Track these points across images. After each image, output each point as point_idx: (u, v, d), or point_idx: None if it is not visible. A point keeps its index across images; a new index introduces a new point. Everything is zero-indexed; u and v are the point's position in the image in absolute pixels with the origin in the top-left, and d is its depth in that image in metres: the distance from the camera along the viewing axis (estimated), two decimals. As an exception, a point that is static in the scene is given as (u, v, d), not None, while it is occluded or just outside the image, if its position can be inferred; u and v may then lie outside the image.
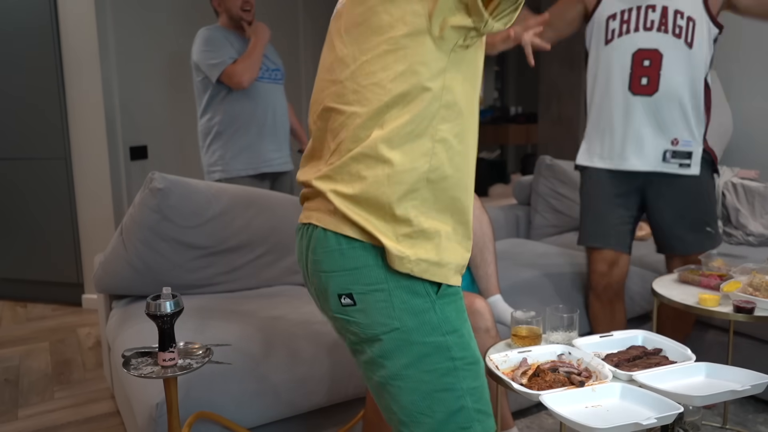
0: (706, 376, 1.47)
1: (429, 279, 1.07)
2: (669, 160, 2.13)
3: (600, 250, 2.26)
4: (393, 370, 1.08)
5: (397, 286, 1.06)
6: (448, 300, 1.09)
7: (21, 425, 2.31)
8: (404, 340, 1.07)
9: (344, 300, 1.08)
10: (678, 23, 2.06)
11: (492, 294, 2.15)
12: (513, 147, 9.36)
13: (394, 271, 1.05)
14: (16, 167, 3.66)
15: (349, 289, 1.07)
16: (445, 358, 1.08)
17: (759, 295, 1.82)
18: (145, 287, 2.17)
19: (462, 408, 1.09)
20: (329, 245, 1.07)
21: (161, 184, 2.09)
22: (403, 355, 1.07)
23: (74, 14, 3.41)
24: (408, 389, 1.08)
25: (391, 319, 1.06)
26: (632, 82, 2.11)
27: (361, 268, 1.06)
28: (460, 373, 1.09)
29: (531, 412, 2.29)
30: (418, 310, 1.07)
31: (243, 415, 1.70)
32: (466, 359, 1.10)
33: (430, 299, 1.07)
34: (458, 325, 1.10)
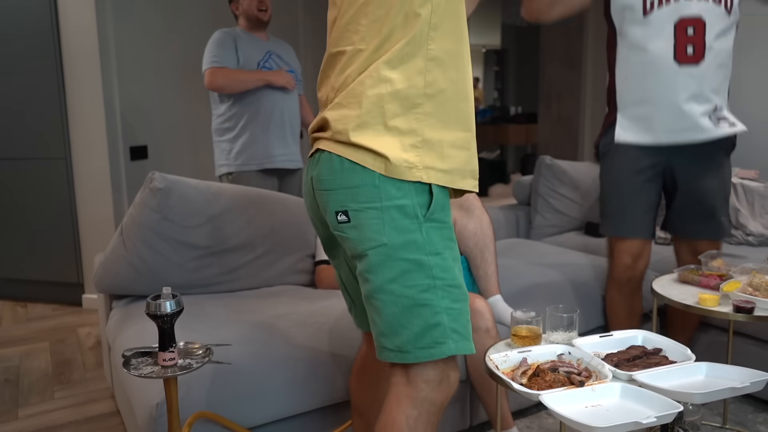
0: (706, 376, 1.47)
1: (438, 183, 1.17)
2: (718, 125, 2.05)
3: (625, 240, 2.18)
4: (377, 284, 1.17)
5: (389, 206, 1.15)
6: (435, 225, 1.18)
7: (21, 425, 2.31)
8: (389, 255, 1.15)
9: (340, 217, 1.18)
10: None
11: (492, 294, 2.16)
12: (513, 147, 9.36)
13: (388, 191, 1.14)
14: (16, 167, 3.66)
15: (346, 206, 1.17)
16: (425, 275, 1.16)
17: (759, 295, 1.82)
18: (145, 287, 2.17)
19: (438, 324, 1.17)
20: (333, 166, 1.17)
21: (161, 184, 2.10)
22: (387, 270, 1.16)
23: (74, 15, 3.41)
24: (389, 302, 1.17)
25: (380, 234, 1.15)
26: (677, 52, 2.02)
27: (358, 186, 1.15)
28: (439, 291, 1.17)
29: (531, 412, 2.29)
30: (406, 229, 1.15)
31: (243, 415, 1.71)
32: (446, 280, 1.18)
33: (417, 221, 1.16)
34: (441, 248, 1.18)
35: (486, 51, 10.69)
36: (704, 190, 2.15)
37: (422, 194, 1.17)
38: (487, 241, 2.16)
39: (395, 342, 1.19)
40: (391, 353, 1.20)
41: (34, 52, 3.50)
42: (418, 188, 1.16)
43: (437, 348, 1.17)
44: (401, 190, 1.15)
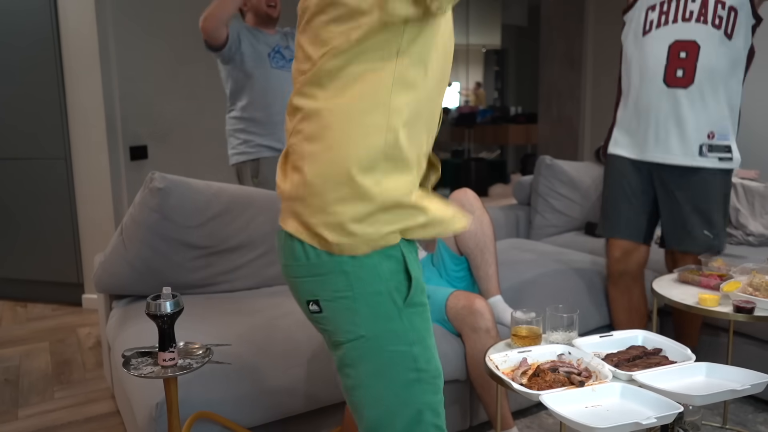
0: (706, 376, 1.47)
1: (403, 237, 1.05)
2: (706, 154, 2.09)
3: (615, 239, 2.30)
4: (357, 379, 1.08)
5: (363, 293, 1.04)
6: (415, 310, 1.07)
7: (21, 425, 2.31)
8: (369, 348, 1.05)
9: (312, 306, 1.07)
10: (719, 13, 2.02)
11: (492, 294, 2.16)
12: (513, 147, 9.37)
13: (359, 276, 1.03)
14: (16, 167, 3.66)
15: (316, 296, 1.06)
16: (409, 369, 1.07)
17: (759, 295, 1.82)
18: (145, 287, 2.17)
19: (420, 422, 1.08)
20: (296, 252, 1.06)
21: (161, 183, 2.09)
22: (367, 363, 1.06)
23: (74, 15, 3.41)
24: (370, 399, 1.08)
25: (356, 326, 1.05)
26: (667, 74, 2.08)
27: (326, 274, 1.04)
28: (423, 386, 1.08)
29: (531, 412, 2.29)
30: (384, 317, 1.05)
31: (243, 415, 1.70)
32: (430, 372, 1.09)
33: (396, 307, 1.05)
34: (424, 335, 1.08)
35: (486, 51, 10.69)
36: (680, 208, 2.19)
37: (398, 274, 1.05)
38: (488, 242, 2.16)
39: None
40: None
41: (34, 52, 3.50)
42: (393, 268, 1.05)
43: None
44: (375, 274, 1.04)
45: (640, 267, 2.32)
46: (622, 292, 2.33)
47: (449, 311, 2.03)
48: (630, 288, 2.33)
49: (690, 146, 2.10)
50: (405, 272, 1.06)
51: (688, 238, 2.20)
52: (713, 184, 2.14)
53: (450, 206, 1.11)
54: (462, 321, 2.00)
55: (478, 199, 2.21)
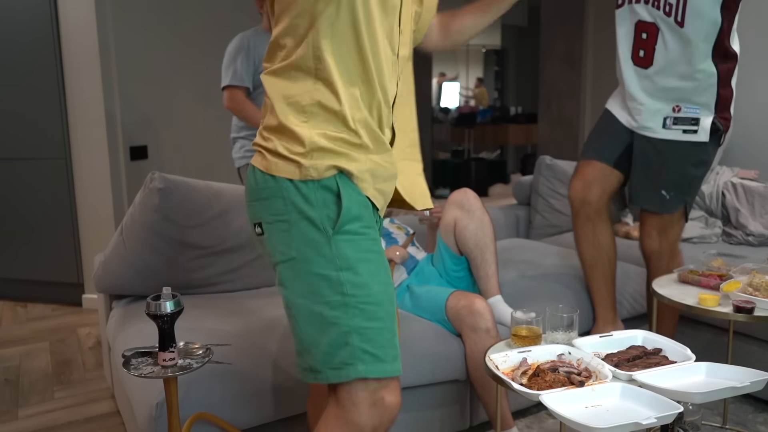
0: (706, 376, 1.47)
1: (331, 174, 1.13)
2: (670, 127, 2.12)
3: (582, 163, 2.28)
4: (289, 298, 1.15)
5: (297, 218, 1.12)
6: (347, 237, 1.13)
7: (21, 425, 2.31)
8: (299, 269, 1.13)
9: (257, 229, 1.18)
10: (668, 1, 2.03)
11: (492, 294, 2.16)
12: (513, 147, 9.36)
13: (296, 203, 1.12)
14: (16, 167, 3.66)
15: (260, 218, 1.17)
16: (335, 292, 1.11)
17: (759, 295, 1.82)
18: (145, 287, 2.17)
19: (347, 344, 1.11)
20: (249, 178, 1.19)
21: (162, 184, 2.09)
22: (297, 284, 1.13)
23: (74, 14, 3.41)
24: (299, 318, 1.14)
25: (288, 248, 1.13)
26: (633, 52, 2.13)
27: (268, 198, 1.14)
28: (349, 310, 1.11)
29: (531, 412, 2.29)
30: (314, 243, 1.12)
31: (243, 415, 1.71)
32: (359, 297, 1.11)
33: (326, 234, 1.12)
34: (355, 263, 1.12)
35: (486, 51, 10.69)
36: (645, 167, 2.19)
37: (329, 204, 1.13)
38: (488, 242, 2.16)
39: (308, 361, 1.14)
40: (307, 373, 1.16)
41: (34, 52, 3.50)
42: (326, 198, 1.13)
43: (345, 369, 1.11)
44: (308, 202, 1.12)
45: (600, 199, 2.27)
46: (583, 224, 2.28)
47: (449, 311, 2.03)
48: (593, 221, 2.27)
49: (653, 118, 2.14)
50: (337, 202, 1.13)
51: (646, 195, 2.21)
52: (675, 152, 2.14)
53: None
54: (462, 321, 2.00)
55: (478, 199, 2.21)
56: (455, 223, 2.18)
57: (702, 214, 3.11)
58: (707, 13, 2.01)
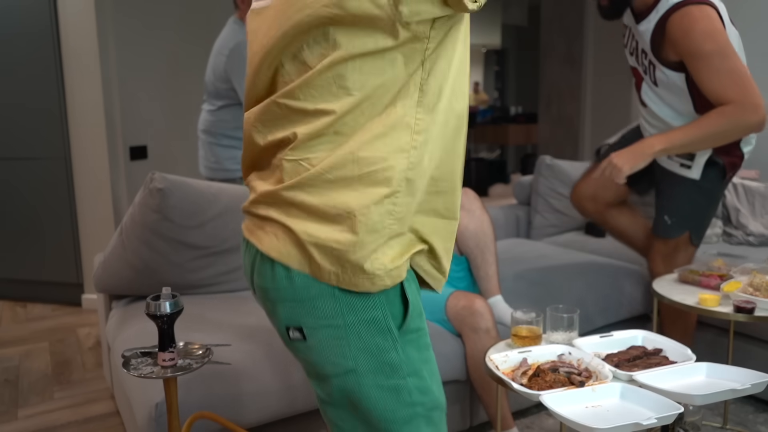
0: (707, 376, 1.47)
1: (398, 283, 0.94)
2: (672, 158, 2.16)
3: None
4: (351, 416, 0.97)
5: (354, 321, 0.92)
6: (411, 337, 0.96)
7: (21, 425, 2.31)
8: (359, 383, 0.94)
9: (293, 334, 0.95)
10: (643, 61, 2.11)
11: (492, 294, 2.15)
12: (513, 147, 9.36)
13: (351, 302, 0.92)
14: (16, 167, 3.66)
15: (299, 323, 0.94)
16: (404, 404, 0.95)
17: (759, 295, 1.82)
18: (145, 287, 2.17)
19: None
20: (277, 275, 0.93)
21: (161, 184, 2.09)
22: (359, 400, 0.95)
23: (74, 14, 3.41)
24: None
25: (345, 359, 0.93)
26: (639, 92, 2.21)
27: (313, 299, 0.92)
28: (420, 420, 0.97)
29: (531, 412, 2.29)
30: (378, 349, 0.93)
31: (243, 415, 1.70)
32: (426, 405, 0.98)
33: (391, 337, 0.94)
34: (419, 366, 0.97)
35: (486, 51, 10.69)
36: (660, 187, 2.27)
37: (394, 300, 0.94)
38: (488, 242, 2.16)
39: None
40: None
41: (34, 52, 3.49)
42: (389, 293, 0.93)
43: None
44: (368, 299, 0.92)
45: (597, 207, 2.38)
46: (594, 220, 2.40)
47: (449, 311, 2.03)
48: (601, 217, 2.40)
49: None
50: (401, 296, 0.95)
51: (655, 221, 2.27)
52: (679, 186, 2.18)
53: None
54: (462, 321, 2.00)
55: (479, 199, 2.21)
56: (455, 223, 2.17)
57: (702, 214, 3.11)
58: (669, 82, 2.04)
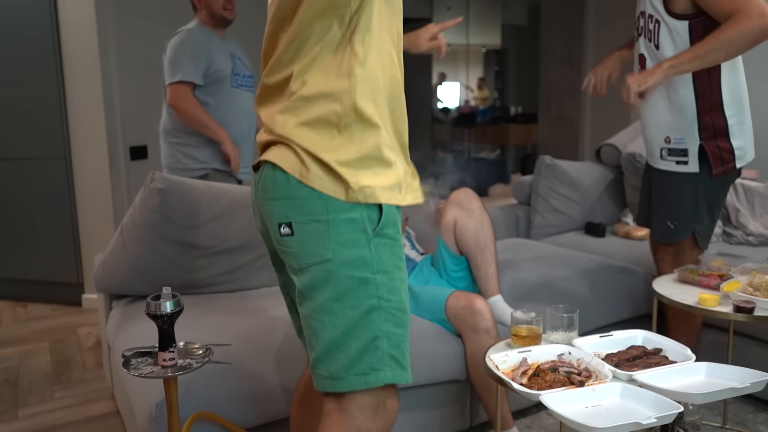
0: (706, 376, 1.47)
1: (378, 201, 1.09)
2: (666, 158, 2.18)
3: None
4: (319, 302, 1.10)
5: (336, 219, 1.08)
6: (384, 241, 1.11)
7: (21, 425, 2.31)
8: (334, 272, 1.08)
9: (283, 229, 1.10)
10: (648, 26, 2.11)
11: (492, 294, 2.15)
12: (513, 147, 9.36)
13: (335, 203, 1.07)
14: (16, 167, 3.66)
15: (289, 218, 1.10)
16: (370, 295, 1.09)
17: (759, 295, 1.82)
18: (145, 287, 2.17)
19: (377, 348, 1.10)
20: (277, 175, 1.10)
21: (162, 184, 2.09)
22: (330, 287, 1.09)
23: (74, 14, 3.41)
24: (330, 324, 1.09)
25: (324, 249, 1.08)
26: None
27: (303, 197, 1.08)
28: (383, 314, 1.10)
29: (531, 412, 2.29)
30: (353, 244, 1.08)
31: (243, 415, 1.71)
32: (392, 302, 1.11)
33: (366, 235, 1.09)
34: (390, 267, 1.11)
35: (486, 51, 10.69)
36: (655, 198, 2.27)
37: (372, 207, 1.10)
38: (488, 241, 2.16)
39: (330, 368, 1.11)
40: (324, 380, 1.12)
41: (34, 52, 3.49)
42: None
43: (372, 375, 1.10)
44: (346, 202, 1.09)
45: None
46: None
47: (449, 311, 2.03)
48: None
49: (654, 150, 2.22)
50: (378, 204, 1.10)
51: (655, 225, 2.28)
52: (677, 185, 2.18)
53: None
54: (462, 321, 2.00)
55: (478, 198, 2.21)
56: (455, 222, 2.18)
57: (702, 214, 3.11)
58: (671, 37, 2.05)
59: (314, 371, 1.14)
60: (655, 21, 2.08)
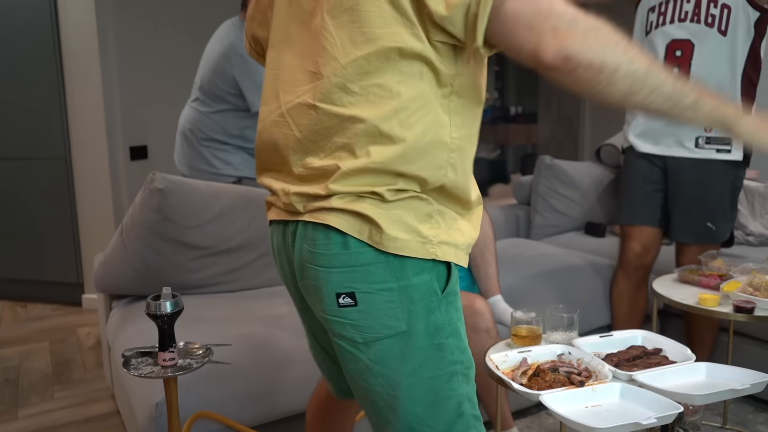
0: (706, 376, 1.47)
1: (447, 260, 1.00)
2: (703, 146, 2.15)
3: (635, 227, 2.31)
4: (394, 378, 1.01)
5: (406, 285, 0.98)
6: (451, 299, 1.03)
7: (21, 425, 2.31)
8: (409, 344, 0.99)
9: (343, 300, 0.99)
10: (711, 12, 2.09)
11: (492, 294, 2.15)
12: (513, 147, 9.35)
13: (404, 267, 0.98)
14: (16, 167, 3.66)
15: (351, 288, 0.98)
16: (448, 362, 1.02)
17: (759, 295, 1.82)
18: (145, 287, 2.17)
19: (462, 414, 1.04)
20: (332, 240, 0.98)
21: (162, 184, 2.09)
22: (406, 360, 1.00)
23: (74, 14, 3.41)
24: (409, 398, 1.01)
25: (397, 321, 0.99)
26: (683, 63, 2.14)
27: (368, 264, 0.97)
28: (460, 377, 1.04)
29: (531, 412, 2.29)
30: (426, 310, 1.00)
31: (243, 415, 1.71)
32: (465, 363, 1.05)
33: (437, 299, 1.00)
34: (459, 326, 1.05)
35: (486, 51, 10.67)
36: (686, 199, 2.22)
37: (439, 265, 1.01)
38: (488, 241, 2.16)
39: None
40: None
41: (34, 51, 3.49)
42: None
43: None
44: (418, 263, 0.98)
45: (652, 263, 2.35)
46: (632, 286, 2.35)
47: (449, 311, 2.03)
48: (640, 284, 2.36)
49: (688, 139, 2.16)
50: (445, 261, 1.02)
51: (691, 229, 2.24)
52: (715, 176, 2.16)
53: None
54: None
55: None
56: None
57: (702, 214, 3.11)
58: (743, 25, 2.08)
59: None
60: (723, 6, 2.07)
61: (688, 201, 2.21)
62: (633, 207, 2.33)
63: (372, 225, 0.97)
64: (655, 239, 2.31)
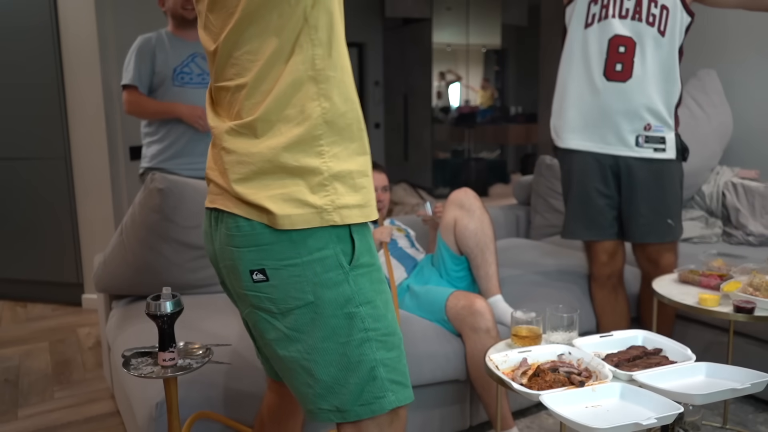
0: (706, 376, 1.47)
1: (354, 222, 1.07)
2: (642, 145, 2.15)
3: (599, 244, 2.29)
4: (309, 344, 1.09)
5: (310, 261, 1.05)
6: (362, 271, 1.09)
7: (21, 425, 2.31)
8: (318, 313, 1.07)
9: (256, 276, 1.08)
10: (652, 11, 2.09)
11: (493, 294, 2.15)
12: (513, 147, 9.36)
13: (306, 244, 1.05)
14: (16, 167, 3.66)
15: (262, 265, 1.07)
16: (358, 329, 1.09)
17: (759, 295, 1.82)
18: (145, 287, 2.17)
19: (375, 378, 1.11)
20: (240, 226, 1.07)
21: (162, 184, 2.09)
22: (316, 329, 1.08)
23: (74, 14, 3.41)
24: (324, 363, 1.09)
25: (304, 293, 1.06)
26: (607, 67, 2.14)
27: (273, 243, 1.05)
28: (373, 343, 1.10)
29: (531, 412, 2.29)
30: (332, 283, 1.07)
31: (243, 415, 1.70)
32: (379, 330, 1.11)
33: (343, 272, 1.07)
34: (372, 296, 1.10)
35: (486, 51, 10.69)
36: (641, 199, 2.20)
37: (344, 239, 1.08)
38: (488, 241, 2.16)
39: (333, 402, 1.12)
40: (330, 414, 1.13)
41: (34, 51, 3.50)
42: (339, 233, 1.07)
43: (377, 403, 1.12)
44: (320, 239, 1.05)
45: (622, 267, 2.35)
46: (609, 294, 2.35)
47: (449, 311, 2.03)
48: (617, 289, 2.36)
49: (629, 137, 2.16)
50: (349, 236, 1.08)
51: (655, 228, 2.21)
52: (666, 174, 2.17)
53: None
54: (462, 321, 2.00)
55: (478, 198, 2.21)
56: (455, 222, 2.18)
57: (702, 214, 3.11)
58: (678, 28, 2.11)
59: (314, 405, 1.13)
60: (662, 7, 2.09)
61: (647, 202, 2.19)
62: (592, 225, 2.26)
63: (265, 210, 1.04)
64: (618, 246, 2.31)
